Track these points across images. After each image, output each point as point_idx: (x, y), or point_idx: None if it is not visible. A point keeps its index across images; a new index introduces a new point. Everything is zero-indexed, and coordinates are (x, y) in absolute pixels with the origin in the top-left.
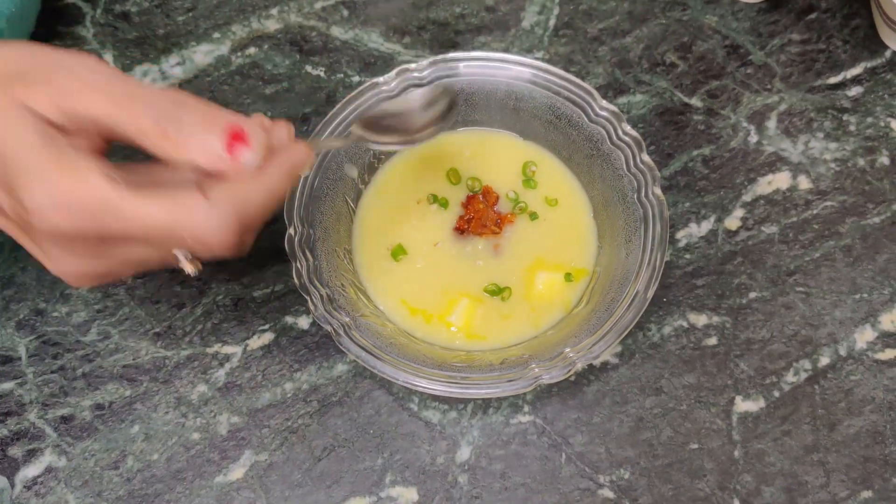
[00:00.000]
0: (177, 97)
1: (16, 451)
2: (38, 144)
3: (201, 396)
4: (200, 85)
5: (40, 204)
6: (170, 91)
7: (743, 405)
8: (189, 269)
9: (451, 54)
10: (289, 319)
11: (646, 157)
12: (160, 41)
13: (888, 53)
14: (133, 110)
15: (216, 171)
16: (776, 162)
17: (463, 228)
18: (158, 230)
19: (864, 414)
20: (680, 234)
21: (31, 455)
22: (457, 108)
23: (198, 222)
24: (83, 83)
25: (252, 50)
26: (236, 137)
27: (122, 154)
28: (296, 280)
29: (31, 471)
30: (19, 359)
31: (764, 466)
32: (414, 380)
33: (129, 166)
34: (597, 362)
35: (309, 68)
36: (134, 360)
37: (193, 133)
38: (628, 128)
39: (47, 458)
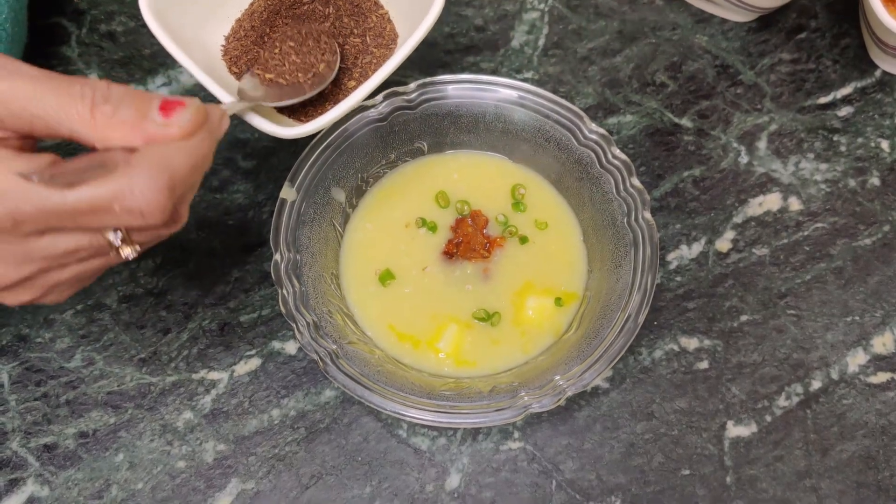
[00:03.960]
0: (101, 81)
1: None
2: None
3: (187, 423)
4: None
5: None
6: (86, 78)
7: (735, 430)
8: (126, 251)
9: (440, 77)
10: (276, 344)
11: (635, 181)
12: (146, 61)
13: (878, 73)
14: (59, 89)
15: (147, 141)
16: (767, 183)
17: (452, 252)
18: (82, 204)
19: (857, 438)
20: (671, 257)
21: (13, 485)
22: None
23: (123, 187)
24: (3, 71)
25: None
26: (171, 104)
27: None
28: (282, 308)
29: (13, 501)
30: (1, 385)
31: (756, 493)
32: (402, 409)
33: (38, 157)
34: (587, 388)
35: None
36: (119, 386)
37: (128, 105)
38: (618, 151)
39: (30, 488)
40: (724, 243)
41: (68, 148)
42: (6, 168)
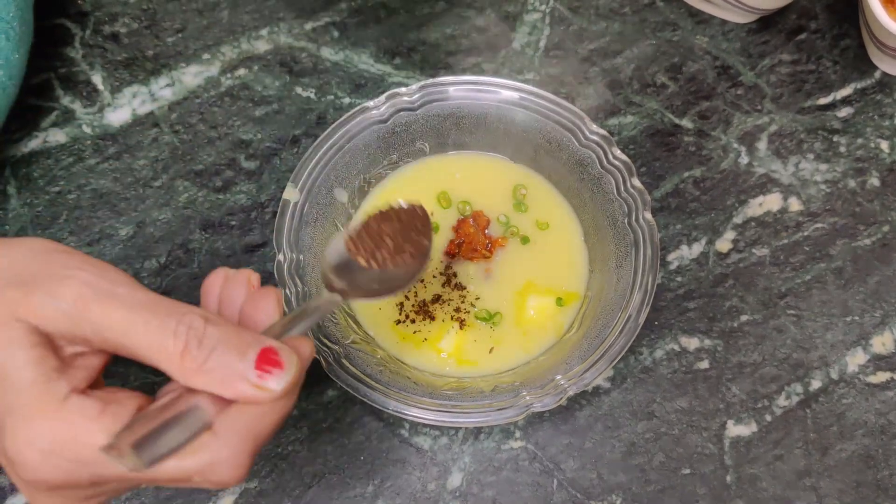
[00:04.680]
0: (203, 313)
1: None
2: (31, 379)
3: None
4: (190, 106)
5: (26, 458)
6: (194, 307)
7: (735, 429)
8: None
9: (441, 78)
10: None
11: (636, 182)
12: (149, 62)
13: (878, 74)
14: (152, 321)
15: (238, 399)
16: (767, 183)
17: (453, 252)
18: (165, 478)
19: (856, 438)
20: (671, 257)
21: None
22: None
23: (208, 463)
24: (96, 290)
25: (242, 71)
26: (271, 362)
27: None
28: (285, 308)
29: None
30: None
31: (756, 491)
32: (404, 408)
33: (119, 411)
34: (588, 387)
35: (299, 90)
36: (123, 385)
37: (222, 354)
38: (618, 152)
39: None
40: (724, 243)
41: None
42: (91, 433)
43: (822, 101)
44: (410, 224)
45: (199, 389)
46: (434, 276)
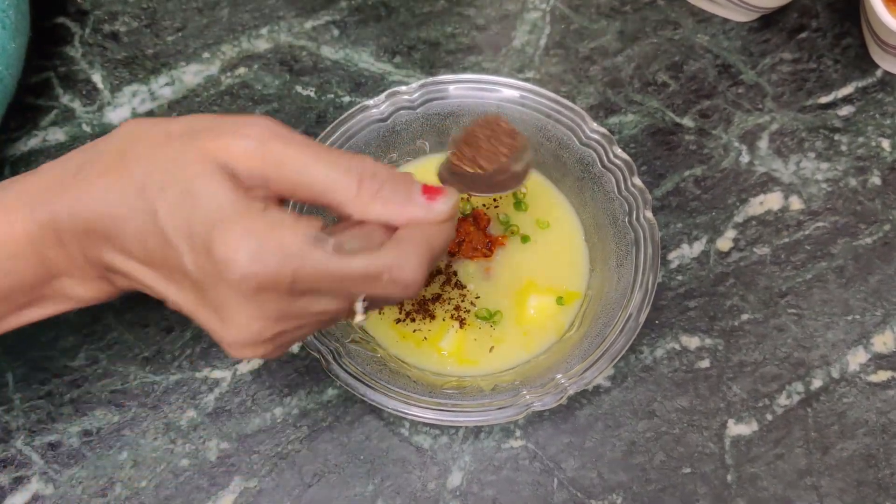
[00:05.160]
0: (368, 158)
1: (2, 479)
2: (229, 199)
3: (190, 422)
4: (190, 105)
5: (237, 252)
6: (354, 153)
7: (736, 429)
8: (360, 318)
9: (441, 77)
10: None
11: (637, 181)
12: (149, 61)
13: (879, 73)
14: (333, 163)
15: (410, 222)
16: (768, 182)
17: (454, 251)
18: (360, 272)
19: (858, 437)
20: (672, 256)
21: (18, 483)
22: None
23: (396, 261)
24: (278, 133)
25: (242, 70)
26: (434, 190)
27: None
28: None
29: (17, 499)
30: (6, 384)
31: (757, 491)
32: (404, 407)
33: (312, 220)
34: (589, 386)
35: (299, 88)
36: (122, 385)
37: (393, 185)
38: (619, 150)
39: (34, 486)
40: (725, 242)
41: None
42: (295, 230)
43: (824, 99)
44: (497, 131)
45: (374, 219)
46: (434, 275)
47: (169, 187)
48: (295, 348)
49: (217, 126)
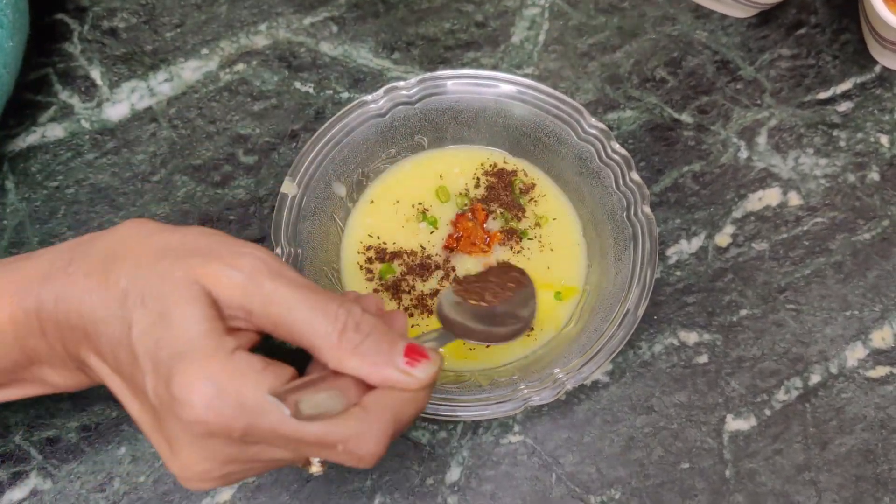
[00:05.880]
0: (359, 302)
1: (0, 474)
2: (203, 331)
3: None
4: (189, 102)
5: (192, 395)
6: (343, 297)
7: (734, 424)
8: (317, 469)
9: (439, 72)
10: None
11: (635, 176)
12: (148, 57)
13: (877, 69)
14: (316, 302)
15: (385, 384)
16: (766, 178)
17: (452, 247)
18: (314, 439)
19: (856, 432)
20: (670, 251)
21: (17, 478)
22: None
23: (355, 433)
24: (269, 267)
25: (240, 66)
26: (417, 353)
27: None
28: None
29: (16, 494)
30: None
31: (755, 486)
32: None
33: (281, 370)
34: (587, 381)
35: (298, 84)
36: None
37: (375, 342)
38: (617, 146)
39: (32, 482)
40: (723, 238)
41: None
42: (257, 383)
43: (822, 95)
44: (508, 271)
45: (348, 372)
46: (433, 271)
47: (148, 304)
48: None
49: (212, 251)
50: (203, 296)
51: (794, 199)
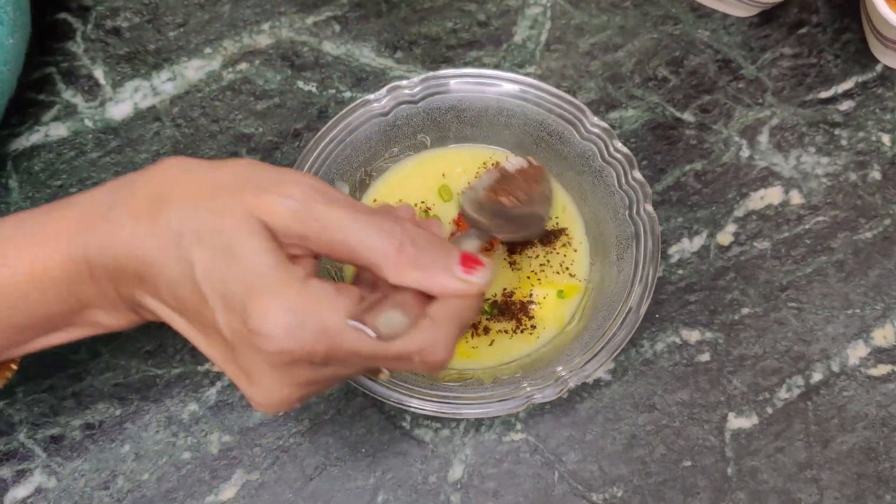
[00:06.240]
0: (409, 222)
1: (5, 471)
2: (270, 263)
3: (192, 415)
4: (192, 101)
5: (275, 327)
6: (389, 210)
7: (736, 422)
8: (385, 376)
9: (442, 71)
10: None
11: (637, 174)
12: (151, 57)
13: (879, 68)
14: (373, 227)
15: (444, 293)
16: (768, 177)
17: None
18: (393, 354)
19: (857, 430)
20: (672, 250)
21: (21, 476)
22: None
23: (429, 343)
24: (321, 192)
25: (243, 65)
26: (472, 261)
27: None
28: None
29: (20, 492)
30: (8, 378)
31: (757, 484)
32: (405, 400)
33: (351, 291)
34: (589, 379)
35: (301, 84)
36: (124, 378)
37: (432, 254)
38: (619, 144)
39: (37, 479)
40: (725, 236)
41: None
42: (335, 308)
43: (824, 94)
44: (531, 168)
45: (410, 285)
46: None
47: (208, 241)
48: None
49: (262, 182)
50: (262, 228)
51: (796, 198)
